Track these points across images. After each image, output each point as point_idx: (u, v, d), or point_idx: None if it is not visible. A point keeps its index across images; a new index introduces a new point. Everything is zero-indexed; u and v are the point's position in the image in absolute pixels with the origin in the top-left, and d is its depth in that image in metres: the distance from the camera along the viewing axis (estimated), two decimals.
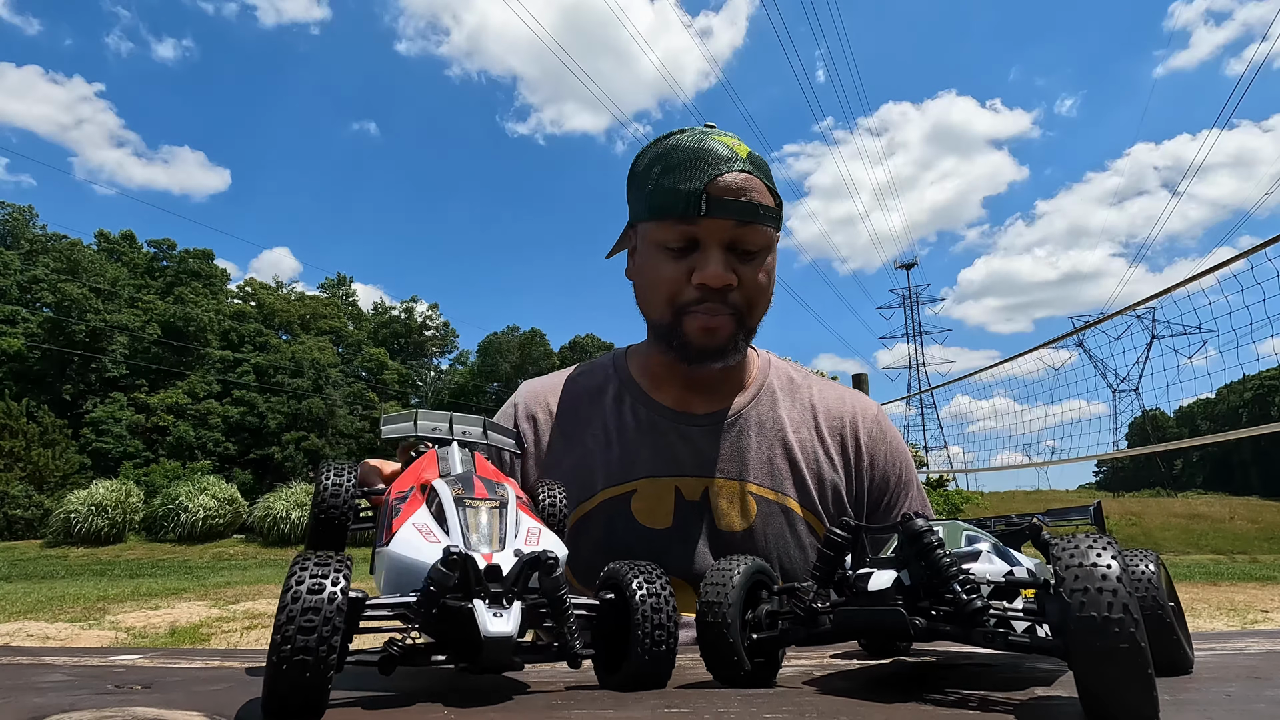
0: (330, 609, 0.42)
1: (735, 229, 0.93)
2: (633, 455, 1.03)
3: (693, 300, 0.96)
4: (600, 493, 1.02)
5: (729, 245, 0.95)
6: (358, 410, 36.63)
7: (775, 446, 1.04)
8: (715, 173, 0.92)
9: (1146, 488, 48.15)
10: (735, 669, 0.53)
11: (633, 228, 1.05)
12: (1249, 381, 52.75)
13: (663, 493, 1.01)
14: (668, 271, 0.96)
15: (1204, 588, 10.37)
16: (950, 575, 0.47)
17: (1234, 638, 0.79)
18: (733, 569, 0.56)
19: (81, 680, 0.59)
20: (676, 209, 0.93)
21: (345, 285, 47.51)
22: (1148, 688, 0.39)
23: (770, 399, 1.09)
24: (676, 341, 0.99)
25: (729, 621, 0.53)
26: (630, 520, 1.00)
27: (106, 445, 29.57)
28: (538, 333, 45.64)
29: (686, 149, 0.95)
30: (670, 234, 0.95)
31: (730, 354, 1.00)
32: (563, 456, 1.06)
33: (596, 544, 1.00)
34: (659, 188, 0.95)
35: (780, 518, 1.01)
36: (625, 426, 1.06)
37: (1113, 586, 0.40)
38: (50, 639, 5.96)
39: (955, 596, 0.47)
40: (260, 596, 9.28)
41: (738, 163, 0.94)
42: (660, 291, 0.98)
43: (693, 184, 0.92)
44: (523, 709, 0.47)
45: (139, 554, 18.82)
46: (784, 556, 1.00)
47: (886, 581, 0.49)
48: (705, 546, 0.99)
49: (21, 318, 31.23)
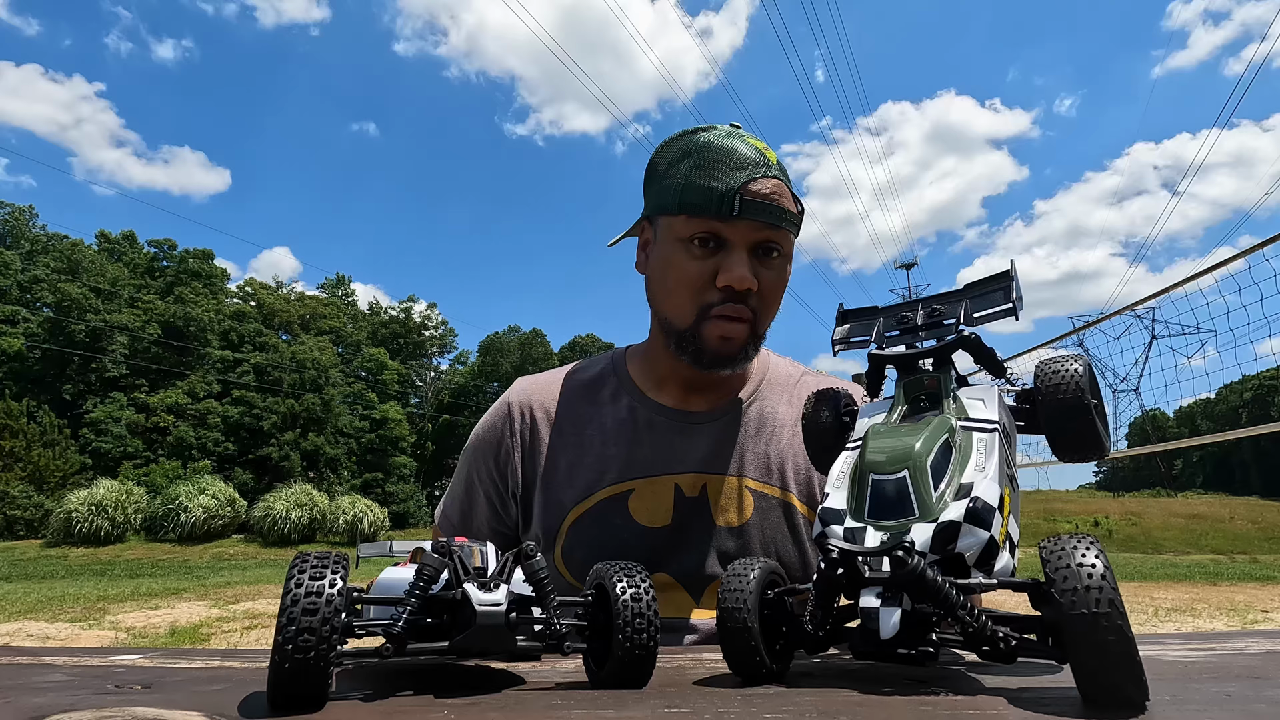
0: (329, 609, 0.44)
1: (763, 231, 0.94)
2: (630, 454, 1.03)
3: (715, 301, 0.95)
4: (598, 492, 1.02)
5: (753, 248, 0.95)
6: (357, 410, 36.65)
7: (773, 442, 1.05)
8: (750, 176, 0.92)
9: (1146, 488, 48.18)
10: (758, 668, 0.54)
11: (648, 220, 1.04)
12: (1249, 381, 52.77)
13: (661, 491, 1.01)
14: (693, 270, 0.95)
15: (1204, 588, 10.39)
16: (959, 611, 0.47)
17: (1234, 638, 0.79)
18: (749, 570, 0.57)
19: (81, 680, 0.59)
20: (710, 207, 0.92)
21: (344, 285, 47.55)
22: (1138, 678, 0.42)
23: (768, 395, 1.09)
24: (692, 347, 0.98)
25: (748, 618, 0.54)
26: (628, 519, 1.00)
27: (106, 445, 29.58)
28: (538, 333, 45.67)
29: (719, 148, 0.94)
30: (698, 230, 0.94)
31: (740, 361, 1.00)
32: (559, 455, 1.05)
33: (593, 544, 0.99)
34: (690, 184, 0.94)
35: (778, 512, 1.02)
36: (623, 425, 1.05)
37: (1099, 584, 0.42)
38: (50, 639, 5.96)
39: (967, 627, 0.47)
40: (260, 596, 9.29)
41: (771, 169, 0.94)
42: (683, 290, 0.97)
43: (728, 184, 0.92)
44: (523, 709, 0.47)
45: (139, 554, 18.83)
46: (782, 550, 1.01)
47: (893, 628, 0.48)
48: (704, 543, 0.99)
49: (22, 318, 31.25)
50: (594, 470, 1.03)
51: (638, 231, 1.08)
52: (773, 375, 1.12)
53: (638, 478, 1.02)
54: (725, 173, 0.92)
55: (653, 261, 1.03)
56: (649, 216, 1.03)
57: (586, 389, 1.10)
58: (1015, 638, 0.47)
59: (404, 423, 37.93)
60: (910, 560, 0.47)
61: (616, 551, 0.94)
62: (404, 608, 0.50)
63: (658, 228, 1.01)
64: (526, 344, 44.52)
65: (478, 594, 0.50)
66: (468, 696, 0.51)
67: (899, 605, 0.48)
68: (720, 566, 0.98)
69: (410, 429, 38.87)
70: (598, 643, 0.57)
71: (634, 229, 1.08)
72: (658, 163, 1.01)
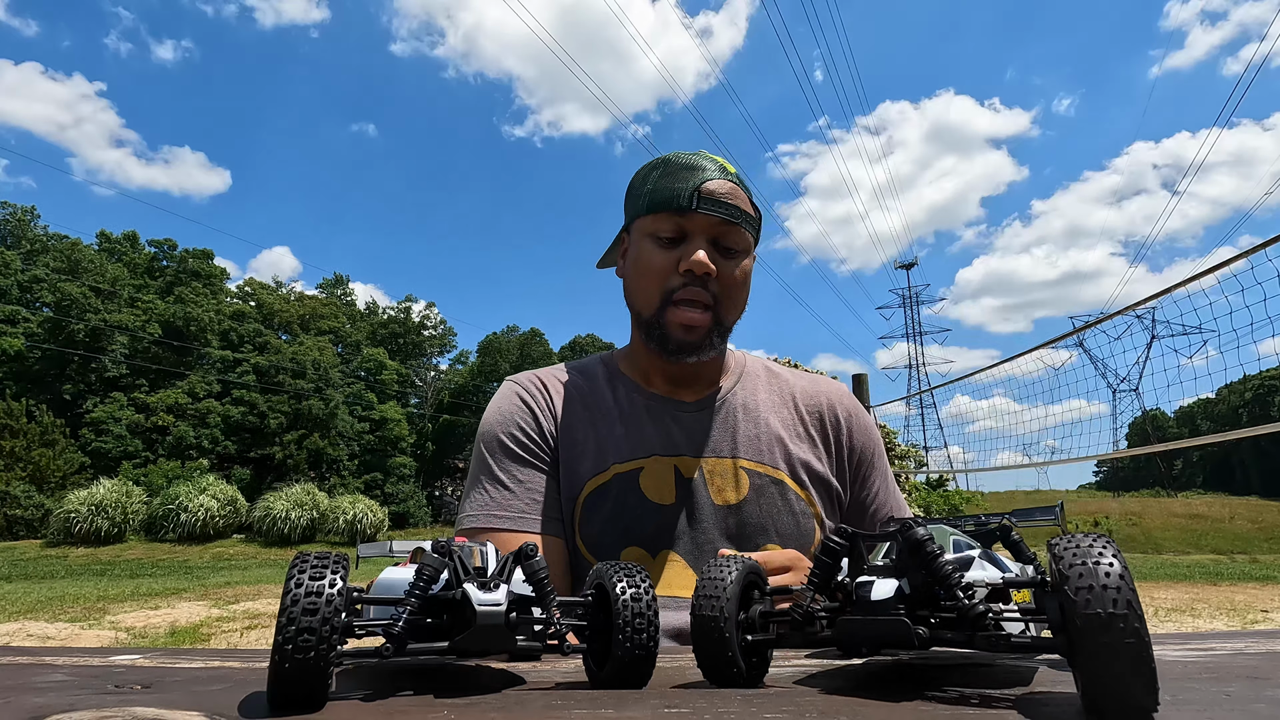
0: (329, 609, 0.44)
1: (720, 226, 1.05)
2: (638, 434, 1.10)
3: (677, 286, 1.05)
4: (612, 467, 1.07)
5: (713, 241, 1.05)
6: (357, 410, 36.64)
7: (760, 425, 1.13)
8: (707, 177, 1.05)
9: (1146, 488, 48.21)
10: (729, 667, 0.53)
11: (627, 231, 1.14)
12: (1249, 381, 52.79)
13: (665, 471, 1.07)
14: (658, 259, 1.06)
15: (1204, 588, 10.38)
16: (953, 583, 0.47)
17: (1234, 638, 0.79)
18: (727, 570, 0.56)
19: (81, 680, 0.59)
20: (671, 203, 1.04)
21: (344, 285, 47.54)
22: (1151, 682, 0.40)
23: (752, 384, 1.18)
24: (658, 332, 1.07)
25: (724, 623, 0.53)
26: (640, 495, 1.05)
27: (106, 445, 29.57)
28: (537, 333, 45.66)
29: (684, 159, 1.08)
30: (662, 225, 1.06)
31: (705, 349, 1.08)
32: (574, 430, 1.11)
33: (608, 517, 1.05)
34: (656, 187, 1.07)
35: (772, 489, 1.08)
36: (625, 409, 1.12)
37: (1116, 584, 0.40)
38: (50, 639, 5.96)
39: (958, 603, 0.47)
40: (260, 596, 9.29)
41: (728, 175, 1.07)
42: (649, 278, 1.07)
43: (688, 183, 1.04)
44: (523, 709, 0.47)
45: (139, 554, 18.83)
46: (778, 523, 1.07)
47: (889, 591, 0.49)
48: (705, 520, 1.05)
49: (22, 318, 31.25)
50: (606, 446, 1.09)
51: (619, 244, 1.18)
52: (751, 368, 1.22)
53: (645, 456, 1.08)
54: (686, 175, 1.05)
55: (627, 262, 1.14)
56: (627, 227, 1.15)
57: (584, 376, 1.18)
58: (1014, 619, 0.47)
59: (403, 423, 37.94)
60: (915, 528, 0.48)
61: (629, 525, 1.04)
62: (404, 608, 0.50)
63: (632, 232, 1.12)
64: (525, 344, 44.51)
65: (478, 594, 0.50)
66: (468, 696, 0.51)
67: (896, 578, 0.50)
68: (723, 542, 1.05)
69: (410, 429, 38.88)
70: (598, 643, 0.57)
71: (615, 243, 1.19)
72: (634, 181, 1.14)
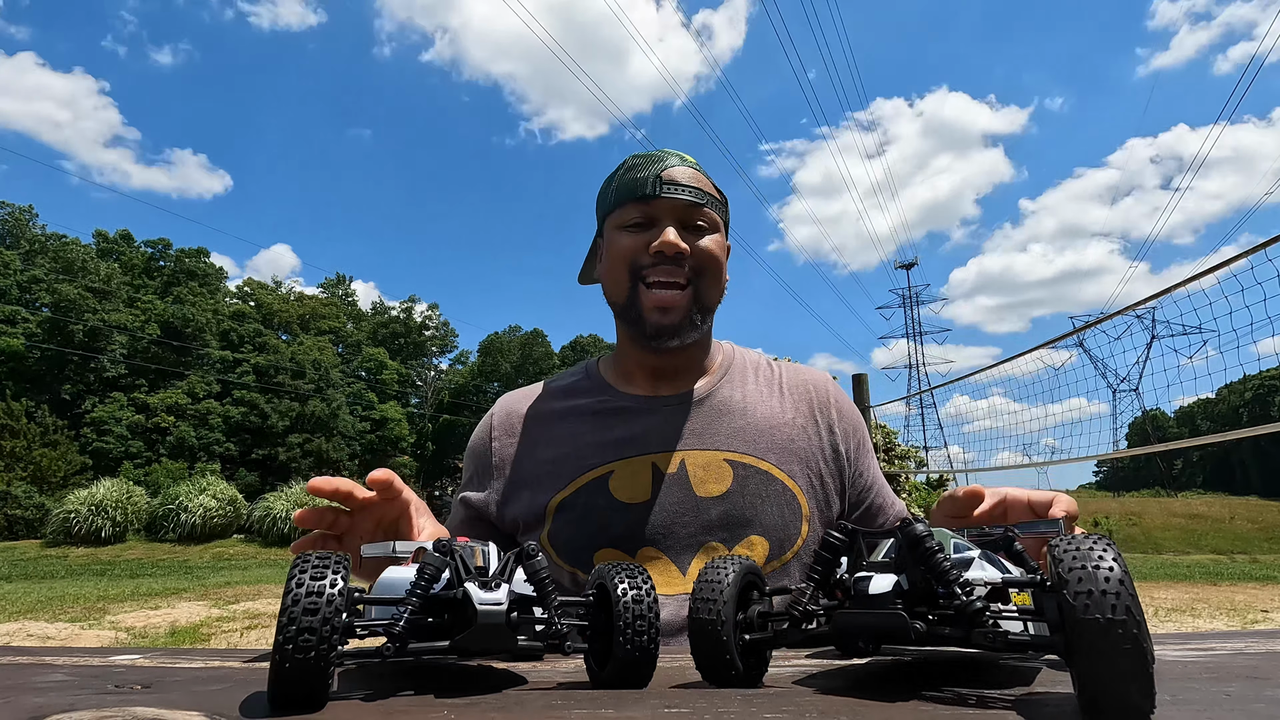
0: (330, 609, 0.44)
1: (686, 209, 1.05)
2: (605, 439, 1.08)
3: (647, 265, 1.04)
4: (579, 478, 1.06)
5: (682, 224, 1.05)
6: (358, 410, 36.62)
7: (746, 416, 1.11)
8: (668, 165, 1.07)
9: (1146, 488, 48.19)
10: (727, 669, 0.53)
11: (600, 237, 1.14)
12: (1249, 381, 52.79)
13: (639, 470, 1.05)
14: (627, 244, 1.06)
15: (1204, 588, 10.38)
16: (951, 579, 0.47)
17: (1234, 638, 0.79)
18: (725, 570, 0.56)
19: (81, 680, 0.59)
20: (635, 192, 1.05)
21: (344, 285, 47.51)
22: (1147, 686, 0.39)
23: (735, 377, 1.16)
24: (634, 315, 1.06)
25: (723, 621, 0.53)
26: (609, 497, 1.04)
27: (107, 445, 29.57)
28: (539, 333, 45.65)
29: (643, 155, 1.10)
30: (629, 214, 1.06)
31: (686, 331, 1.06)
32: (540, 451, 1.11)
33: (575, 520, 1.04)
34: (621, 183, 1.08)
35: (758, 478, 1.05)
36: (595, 415, 1.11)
37: (1115, 589, 0.40)
38: (50, 639, 5.96)
39: (955, 599, 0.46)
40: (260, 596, 9.28)
41: (687, 163, 1.09)
42: (619, 263, 1.07)
43: (649, 173, 1.06)
44: (523, 708, 0.47)
45: (139, 554, 18.82)
46: (764, 513, 1.04)
47: (886, 585, 0.49)
48: (686, 515, 1.03)
49: (21, 318, 31.23)
50: (573, 460, 1.07)
51: (595, 251, 1.18)
52: (739, 361, 1.20)
53: (614, 460, 1.06)
54: (648, 165, 1.07)
55: (601, 259, 1.13)
56: (600, 233, 1.15)
57: (563, 392, 1.18)
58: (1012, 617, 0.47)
59: (404, 423, 37.93)
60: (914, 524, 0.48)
61: (597, 525, 1.02)
62: (405, 607, 0.50)
63: (605, 231, 1.12)
64: (527, 344, 44.50)
65: (479, 593, 0.50)
66: (468, 696, 0.51)
67: (895, 574, 0.50)
68: (705, 536, 1.02)
69: (410, 429, 38.86)
70: (599, 643, 0.57)
71: (591, 252, 1.19)
72: (602, 187, 1.14)
